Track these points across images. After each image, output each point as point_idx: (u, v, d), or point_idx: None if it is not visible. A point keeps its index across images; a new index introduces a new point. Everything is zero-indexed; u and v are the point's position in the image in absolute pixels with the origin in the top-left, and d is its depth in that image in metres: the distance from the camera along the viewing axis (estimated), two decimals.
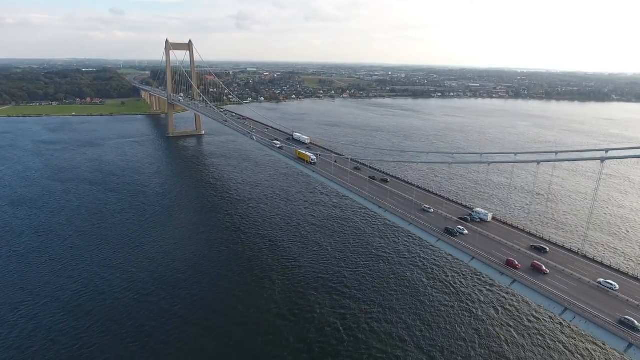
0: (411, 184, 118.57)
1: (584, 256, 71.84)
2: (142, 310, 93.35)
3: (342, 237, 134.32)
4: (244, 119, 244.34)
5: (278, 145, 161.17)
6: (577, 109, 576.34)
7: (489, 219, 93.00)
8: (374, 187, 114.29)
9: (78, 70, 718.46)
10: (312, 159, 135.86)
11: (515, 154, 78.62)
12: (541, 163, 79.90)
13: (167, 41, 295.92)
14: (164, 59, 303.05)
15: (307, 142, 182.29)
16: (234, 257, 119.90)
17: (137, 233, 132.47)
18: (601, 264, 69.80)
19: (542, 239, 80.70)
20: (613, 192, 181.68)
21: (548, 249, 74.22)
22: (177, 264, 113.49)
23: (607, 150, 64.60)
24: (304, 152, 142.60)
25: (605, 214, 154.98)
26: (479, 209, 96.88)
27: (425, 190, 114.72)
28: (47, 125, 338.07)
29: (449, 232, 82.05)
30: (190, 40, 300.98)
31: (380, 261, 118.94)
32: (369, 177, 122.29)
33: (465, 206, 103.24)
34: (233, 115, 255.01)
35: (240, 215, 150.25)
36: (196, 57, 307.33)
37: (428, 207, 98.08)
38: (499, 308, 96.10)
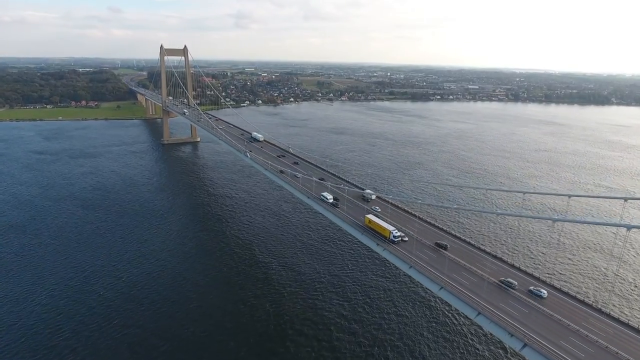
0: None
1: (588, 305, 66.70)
2: (130, 345, 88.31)
3: (339, 261, 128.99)
4: (216, 119, 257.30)
5: (330, 200, 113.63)
6: (577, 113, 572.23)
7: (373, 197, 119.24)
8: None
9: (74, 71, 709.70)
10: (393, 235, 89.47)
11: (524, 193, 74.11)
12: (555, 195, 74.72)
13: (161, 47, 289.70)
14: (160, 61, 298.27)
15: (261, 139, 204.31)
16: (227, 284, 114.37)
17: (129, 260, 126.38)
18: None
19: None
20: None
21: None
22: (165, 294, 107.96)
23: (626, 199, 59.56)
24: (378, 221, 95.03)
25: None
26: (368, 190, 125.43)
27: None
28: (42, 131, 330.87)
29: None
30: (185, 46, 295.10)
31: (380, 289, 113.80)
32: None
33: (362, 188, 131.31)
34: (209, 116, 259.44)
35: (236, 236, 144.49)
36: (194, 57, 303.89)
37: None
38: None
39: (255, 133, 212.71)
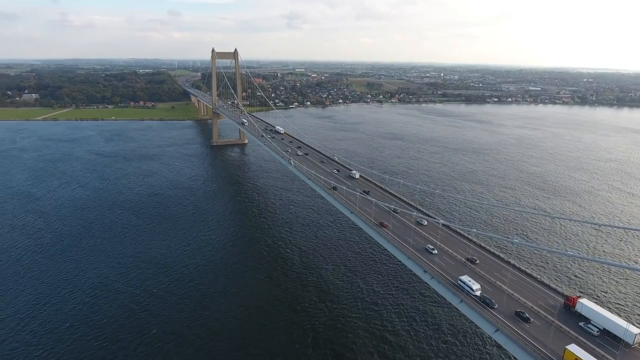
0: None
1: None
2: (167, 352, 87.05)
3: (383, 278, 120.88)
4: (249, 115, 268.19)
5: (476, 292, 73.91)
6: None
7: (357, 176, 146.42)
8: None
9: (134, 73, 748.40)
10: None
11: (599, 225, 61.15)
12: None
13: (213, 50, 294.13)
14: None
15: (281, 132, 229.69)
16: (268, 297, 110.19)
17: (174, 268, 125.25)
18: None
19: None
20: None
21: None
22: (205, 303, 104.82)
23: None
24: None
25: None
26: (354, 171, 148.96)
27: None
28: (103, 132, 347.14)
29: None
30: (235, 49, 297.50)
31: (427, 314, 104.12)
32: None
33: (348, 168, 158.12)
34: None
35: (279, 246, 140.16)
36: (246, 57, 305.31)
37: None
38: None
39: (277, 127, 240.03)
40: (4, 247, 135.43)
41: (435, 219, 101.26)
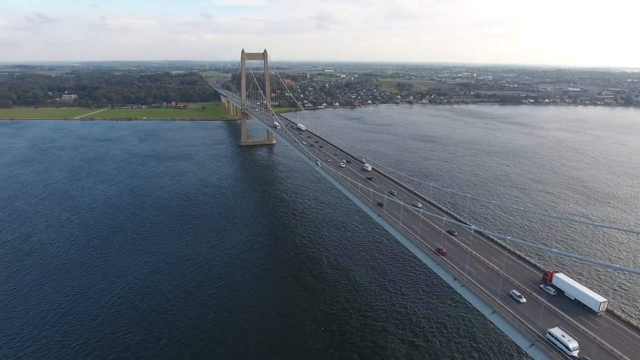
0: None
1: None
2: (194, 350, 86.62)
3: (411, 280, 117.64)
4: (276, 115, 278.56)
5: (573, 351, 58.00)
6: None
7: (369, 168, 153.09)
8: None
9: (167, 74, 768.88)
10: None
11: None
12: None
13: (242, 51, 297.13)
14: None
15: (303, 128, 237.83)
16: (292, 297, 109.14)
17: (200, 266, 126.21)
18: None
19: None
20: None
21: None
22: (232, 301, 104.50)
23: None
24: None
25: None
26: (366, 164, 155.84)
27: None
28: (136, 131, 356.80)
29: None
30: (265, 50, 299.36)
31: (458, 320, 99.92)
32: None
33: (361, 161, 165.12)
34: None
35: (304, 246, 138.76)
36: (276, 58, 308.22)
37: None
38: None
39: (299, 124, 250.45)
40: (42, 243, 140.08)
41: (467, 224, 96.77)
